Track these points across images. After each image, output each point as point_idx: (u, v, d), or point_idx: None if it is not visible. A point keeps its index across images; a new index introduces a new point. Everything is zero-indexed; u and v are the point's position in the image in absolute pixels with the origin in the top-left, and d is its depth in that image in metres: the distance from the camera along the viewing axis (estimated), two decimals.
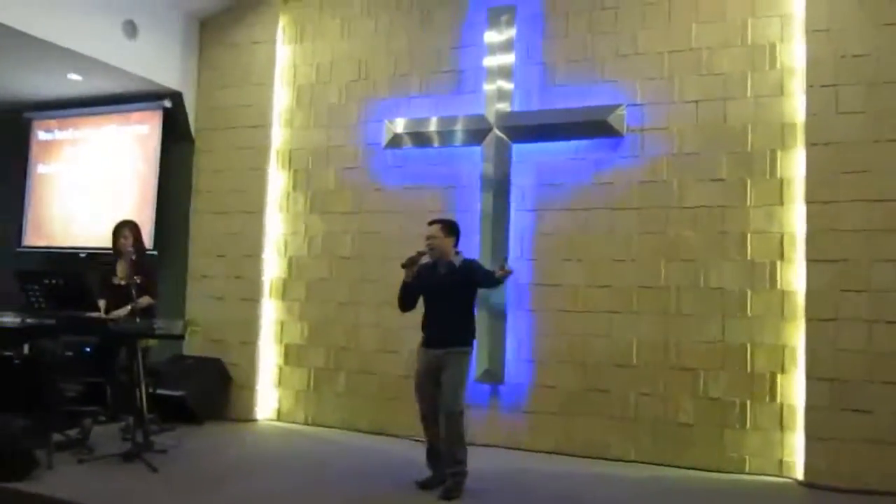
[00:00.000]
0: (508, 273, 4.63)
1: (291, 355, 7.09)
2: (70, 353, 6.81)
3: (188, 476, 5.09)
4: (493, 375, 6.22)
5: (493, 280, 4.78)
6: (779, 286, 5.55)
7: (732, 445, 5.57)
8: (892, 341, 5.14)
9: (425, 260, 4.94)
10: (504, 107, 6.40)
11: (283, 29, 7.38)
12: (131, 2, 7.01)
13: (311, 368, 6.98)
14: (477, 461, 5.09)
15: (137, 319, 5.43)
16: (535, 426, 6.14)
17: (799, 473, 5.34)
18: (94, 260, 6.80)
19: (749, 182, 5.69)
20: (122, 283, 5.74)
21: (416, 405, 4.92)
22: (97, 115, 8.06)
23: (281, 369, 7.12)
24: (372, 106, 6.96)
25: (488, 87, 6.47)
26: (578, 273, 6.13)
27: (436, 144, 6.65)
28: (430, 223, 4.98)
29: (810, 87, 5.49)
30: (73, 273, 5.51)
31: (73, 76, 7.37)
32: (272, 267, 7.24)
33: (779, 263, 5.57)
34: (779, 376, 5.50)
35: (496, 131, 6.39)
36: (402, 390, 5.79)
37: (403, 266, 4.88)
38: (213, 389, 6.97)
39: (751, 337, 5.58)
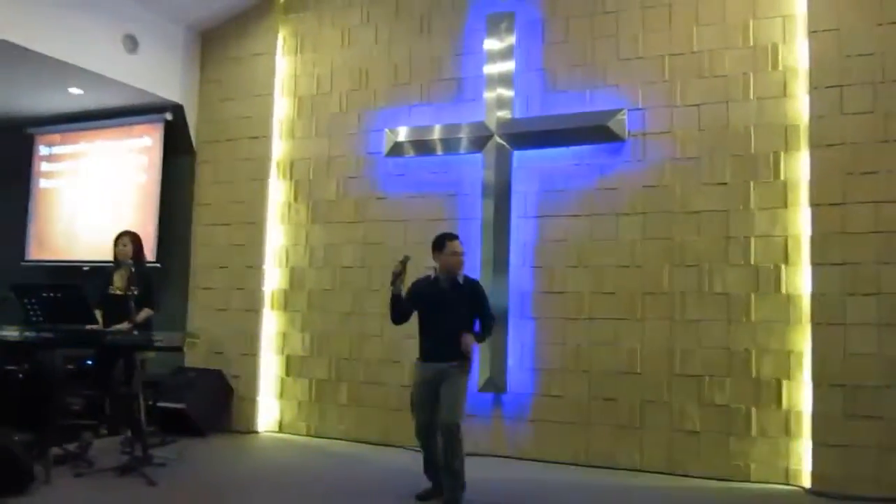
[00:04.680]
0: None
1: (293, 366, 7.03)
2: (71, 367, 6.79)
3: (186, 489, 5.03)
4: (496, 385, 6.13)
5: (488, 318, 4.88)
6: (784, 290, 5.45)
7: (739, 453, 5.46)
8: None
9: (426, 273, 4.87)
10: (505, 114, 6.34)
11: (283, 40, 7.38)
12: (131, 16, 7.03)
13: (314, 380, 6.92)
14: (479, 471, 5.01)
15: (135, 332, 5.39)
16: (540, 436, 6.05)
17: (806, 481, 5.23)
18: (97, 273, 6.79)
19: (752, 185, 5.59)
20: (119, 292, 5.69)
21: (413, 418, 4.83)
22: (99, 128, 8.08)
23: (283, 380, 7.07)
24: (372, 115, 6.93)
25: (488, 95, 6.43)
26: (583, 280, 6.05)
27: (437, 152, 6.60)
28: (453, 238, 4.84)
29: (814, 88, 5.41)
30: (70, 286, 5.47)
31: (75, 90, 7.40)
32: (273, 278, 7.19)
33: (783, 267, 5.46)
34: (785, 382, 5.38)
35: (497, 138, 6.33)
36: (406, 401, 5.68)
37: (395, 276, 4.77)
38: (215, 401, 6.93)
39: (756, 342, 5.48)
